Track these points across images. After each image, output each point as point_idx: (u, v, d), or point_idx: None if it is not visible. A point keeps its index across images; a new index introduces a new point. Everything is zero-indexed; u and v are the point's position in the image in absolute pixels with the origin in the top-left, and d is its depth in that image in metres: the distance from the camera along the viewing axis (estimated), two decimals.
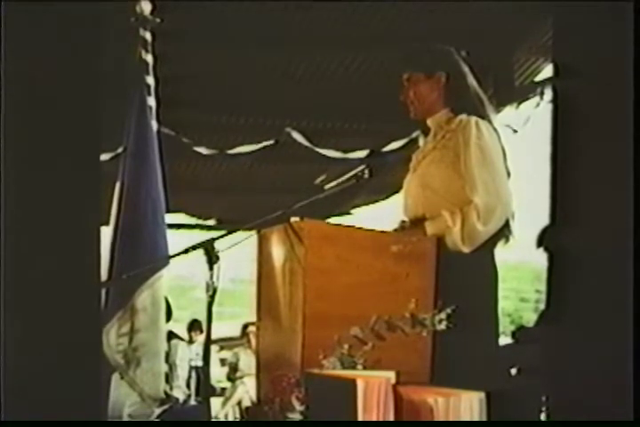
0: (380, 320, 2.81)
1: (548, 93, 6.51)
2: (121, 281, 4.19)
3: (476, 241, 3.00)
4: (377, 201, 8.93)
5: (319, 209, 2.91)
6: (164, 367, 4.44)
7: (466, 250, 2.99)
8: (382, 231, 3.07)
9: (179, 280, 20.26)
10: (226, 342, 11.75)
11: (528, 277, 21.68)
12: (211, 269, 2.81)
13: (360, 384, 2.22)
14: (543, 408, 3.00)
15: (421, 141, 3.45)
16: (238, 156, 7.71)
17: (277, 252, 3.00)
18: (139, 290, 4.14)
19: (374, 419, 2.22)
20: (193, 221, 9.69)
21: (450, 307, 2.81)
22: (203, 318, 2.99)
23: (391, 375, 2.34)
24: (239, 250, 2.96)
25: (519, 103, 6.98)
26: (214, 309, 2.87)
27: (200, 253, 2.84)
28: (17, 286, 1.86)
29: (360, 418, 2.21)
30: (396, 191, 3.72)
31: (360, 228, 3.02)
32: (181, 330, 9.54)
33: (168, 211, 4.44)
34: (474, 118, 3.09)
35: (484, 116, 3.14)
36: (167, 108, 4.70)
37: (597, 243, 1.78)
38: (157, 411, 4.08)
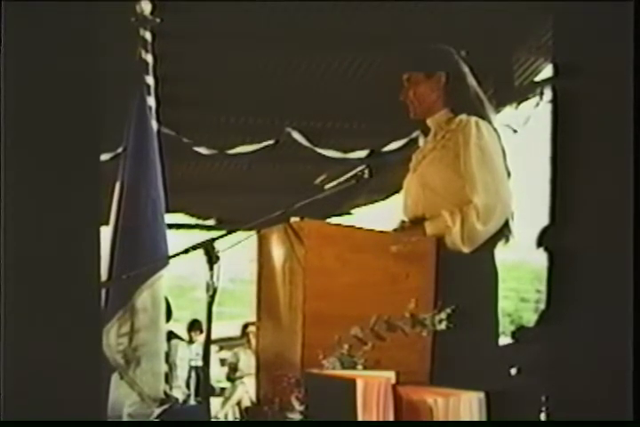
0: (379, 320, 2.81)
1: (548, 93, 6.51)
2: (121, 281, 4.19)
3: (476, 241, 3.00)
4: (377, 201, 8.93)
5: (319, 209, 2.91)
6: (164, 367, 4.45)
7: (466, 250, 2.99)
8: (382, 231, 3.07)
9: (179, 280, 20.25)
10: (226, 342, 11.74)
11: (528, 277, 21.65)
12: (211, 269, 2.81)
13: (360, 384, 2.22)
14: (543, 408, 3.00)
15: (421, 141, 3.45)
16: (238, 156, 7.72)
17: (277, 252, 3.00)
18: (139, 290, 4.14)
19: (374, 419, 2.22)
20: (193, 221, 9.69)
21: (450, 307, 2.81)
22: (203, 318, 2.99)
23: (391, 375, 2.34)
24: (239, 250, 2.96)
25: (519, 103, 6.98)
26: (214, 309, 2.87)
27: (200, 253, 2.84)
28: (17, 286, 1.86)
29: (360, 418, 2.21)
30: (396, 191, 3.72)
31: (360, 228, 3.02)
32: (181, 330, 9.54)
33: (168, 211, 4.44)
34: (474, 118, 3.09)
35: (483, 116, 3.14)
36: (167, 108, 4.71)
37: (597, 243, 1.78)
38: (157, 411, 4.08)
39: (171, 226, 5.21)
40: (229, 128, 7.72)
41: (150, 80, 4.52)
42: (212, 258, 2.82)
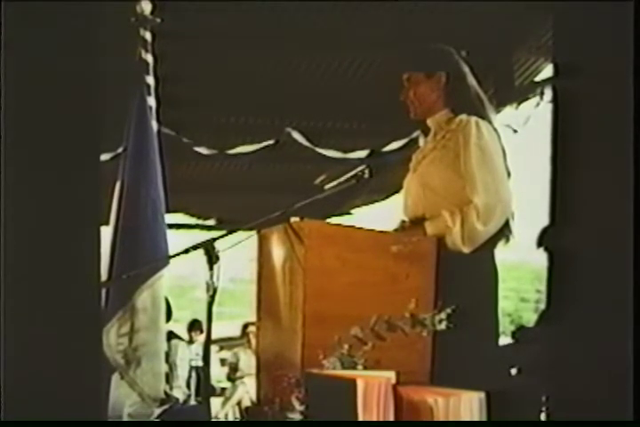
0: (380, 320, 2.81)
1: (548, 93, 6.51)
2: (121, 281, 4.19)
3: (476, 241, 3.00)
4: (377, 201, 8.93)
5: (319, 209, 2.91)
6: (164, 367, 4.44)
7: (466, 250, 2.99)
8: (382, 231, 3.07)
9: (179, 280, 20.25)
10: (226, 342, 11.75)
11: (528, 277, 21.66)
12: (211, 269, 2.81)
13: (360, 384, 2.22)
14: (543, 408, 3.00)
15: (421, 141, 3.45)
16: (238, 156, 7.72)
17: (277, 252, 3.00)
18: (139, 290, 4.14)
19: (374, 419, 2.22)
20: (193, 221, 9.69)
21: (450, 307, 2.81)
22: (203, 318, 2.99)
23: (391, 375, 2.34)
24: (239, 250, 2.96)
25: (519, 103, 6.98)
26: (214, 309, 2.87)
27: (200, 253, 2.84)
28: (17, 286, 1.86)
29: (360, 418, 2.21)
30: (396, 191, 3.72)
31: (360, 228, 3.02)
32: (181, 330, 9.53)
33: (168, 211, 4.44)
34: (474, 118, 3.09)
35: (484, 116, 3.14)
36: (167, 108, 4.71)
37: (597, 243, 1.78)
38: (157, 411, 4.08)
39: (171, 226, 5.20)
40: (229, 128, 7.73)
41: (150, 80, 4.52)
42: (212, 258, 2.82)
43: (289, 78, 7.02)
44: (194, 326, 9.65)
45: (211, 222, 9.81)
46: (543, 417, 3.01)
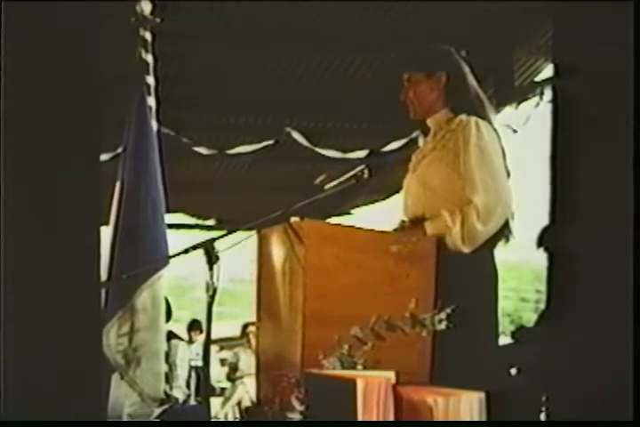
0: (379, 320, 2.81)
1: (548, 93, 6.51)
2: (121, 281, 4.19)
3: (476, 241, 3.00)
4: (377, 201, 8.93)
5: (319, 209, 2.91)
6: (164, 367, 4.45)
7: (466, 250, 2.99)
8: (382, 231, 3.07)
9: (179, 280, 20.27)
10: (226, 342, 11.76)
11: (528, 277, 21.67)
12: (211, 269, 2.81)
13: (360, 384, 2.22)
14: (543, 408, 3.00)
15: (421, 141, 3.46)
16: (238, 156, 7.72)
17: (277, 252, 3.00)
18: (139, 290, 4.14)
19: (374, 419, 2.22)
20: (193, 221, 9.69)
21: (450, 307, 2.81)
22: (203, 318, 2.99)
23: (391, 375, 2.34)
24: (239, 250, 2.96)
25: (519, 103, 6.98)
26: (214, 309, 2.87)
27: (200, 253, 2.84)
28: (17, 286, 1.86)
29: (360, 418, 2.21)
30: (396, 191, 3.72)
31: (360, 228, 3.02)
32: (181, 330, 9.54)
33: (168, 211, 4.44)
34: (474, 118, 3.09)
35: (483, 116, 3.14)
36: (167, 108, 4.71)
37: (597, 243, 1.78)
38: (157, 411, 4.08)
39: (171, 226, 5.21)
40: (229, 128, 7.73)
41: (150, 80, 4.52)
42: (212, 258, 2.82)
43: (289, 78, 7.02)
44: (194, 326, 9.65)
45: (211, 222, 9.81)
46: (543, 417, 3.01)
